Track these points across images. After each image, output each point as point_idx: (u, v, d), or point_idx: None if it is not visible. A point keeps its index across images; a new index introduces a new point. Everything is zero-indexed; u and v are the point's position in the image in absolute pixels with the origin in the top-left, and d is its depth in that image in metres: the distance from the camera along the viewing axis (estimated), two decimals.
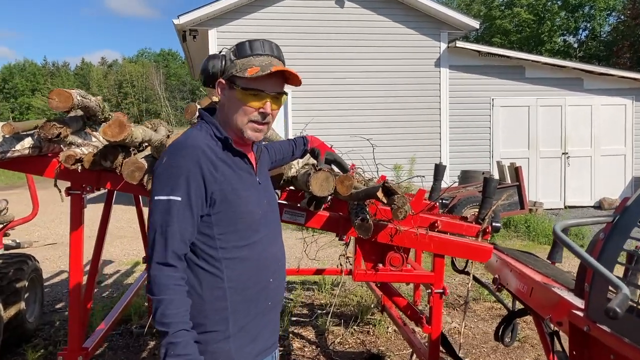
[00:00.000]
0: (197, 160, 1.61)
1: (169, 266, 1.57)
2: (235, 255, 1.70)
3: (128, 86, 61.84)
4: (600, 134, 12.77)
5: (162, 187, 1.61)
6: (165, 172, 1.62)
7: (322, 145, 2.50)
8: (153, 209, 1.61)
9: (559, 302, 2.23)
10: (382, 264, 2.82)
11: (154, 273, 1.57)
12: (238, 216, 1.69)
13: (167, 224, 1.58)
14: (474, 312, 5.38)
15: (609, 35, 32.49)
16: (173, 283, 1.56)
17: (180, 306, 1.56)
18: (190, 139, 1.68)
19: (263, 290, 1.77)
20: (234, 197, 1.68)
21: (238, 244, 1.70)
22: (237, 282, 1.70)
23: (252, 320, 1.74)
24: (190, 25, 11.29)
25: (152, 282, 1.56)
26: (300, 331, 4.77)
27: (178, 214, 1.58)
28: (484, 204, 3.32)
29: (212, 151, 1.67)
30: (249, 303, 1.73)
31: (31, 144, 2.62)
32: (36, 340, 4.55)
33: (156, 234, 1.59)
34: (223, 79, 1.73)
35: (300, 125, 8.56)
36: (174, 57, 73.34)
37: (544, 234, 9.33)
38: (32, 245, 6.31)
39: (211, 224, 1.66)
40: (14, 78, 64.85)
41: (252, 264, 1.74)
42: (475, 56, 12.29)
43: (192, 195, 1.60)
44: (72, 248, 2.98)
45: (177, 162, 1.61)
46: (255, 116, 1.71)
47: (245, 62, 1.69)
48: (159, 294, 1.54)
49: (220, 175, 1.66)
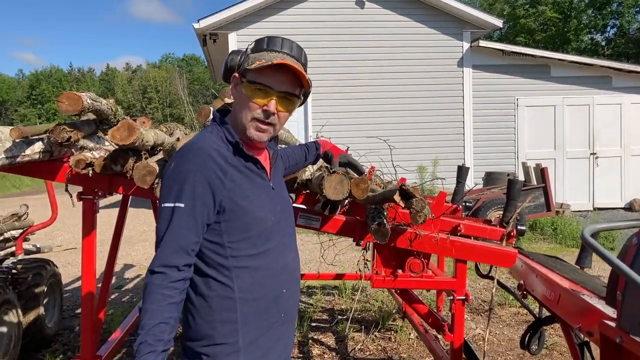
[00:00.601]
0: (204, 166, 1.54)
1: (157, 274, 1.49)
2: (246, 264, 1.61)
3: (152, 91, 62.52)
4: (630, 133, 12.43)
5: (168, 193, 1.55)
6: (171, 178, 1.56)
7: (334, 148, 2.41)
8: (159, 215, 1.55)
9: (588, 310, 2.10)
10: (401, 269, 2.72)
11: (146, 280, 1.51)
12: (249, 223, 1.61)
13: (167, 231, 1.51)
14: (499, 317, 5.22)
15: (638, 32, 31.77)
16: (156, 291, 1.48)
17: (153, 317, 1.45)
18: (198, 143, 1.60)
19: (275, 301, 1.68)
20: (245, 204, 1.60)
21: (249, 252, 1.62)
22: (248, 292, 1.61)
23: (264, 333, 1.65)
24: (211, 29, 11.33)
25: (145, 290, 1.51)
26: (320, 337, 4.68)
27: (180, 221, 1.51)
28: (508, 206, 3.20)
29: (221, 155, 1.58)
30: (260, 315, 1.64)
31: (42, 149, 2.58)
32: (55, 345, 4.54)
33: (156, 240, 1.53)
34: (237, 73, 1.66)
35: (319, 127, 8.48)
36: (197, 62, 74.03)
37: (572, 236, 9.09)
38: (52, 250, 6.33)
39: (221, 232, 1.58)
40: (40, 84, 66.13)
41: (264, 273, 1.65)
42: (498, 55, 12.08)
43: (197, 202, 1.52)
44: (85, 254, 2.94)
45: (183, 167, 1.54)
46: (258, 114, 1.62)
47: (257, 56, 1.60)
48: (144, 302, 1.49)
49: (230, 180, 1.57)
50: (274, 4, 11.44)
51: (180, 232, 1.51)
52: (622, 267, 1.56)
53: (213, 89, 59.08)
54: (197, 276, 1.59)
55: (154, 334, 1.45)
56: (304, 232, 9.56)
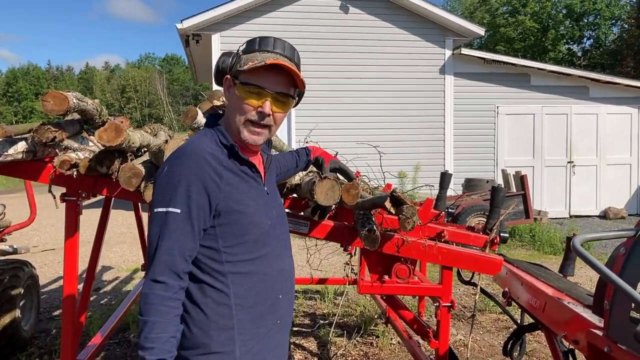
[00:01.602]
0: (199, 169, 1.50)
1: (160, 283, 1.45)
2: (242, 270, 1.58)
3: (131, 91, 61.91)
4: (606, 142, 12.67)
5: (161, 198, 1.50)
6: (164, 182, 1.51)
7: (325, 154, 2.40)
8: (152, 221, 1.51)
9: (575, 319, 2.12)
10: (388, 275, 2.72)
11: (145, 291, 1.45)
12: (245, 228, 1.58)
13: (163, 238, 1.47)
14: (479, 323, 5.26)
15: (613, 44, 32.43)
16: (161, 303, 1.44)
17: (164, 330, 1.43)
18: (193, 147, 1.55)
19: (272, 307, 1.66)
20: (241, 208, 1.57)
21: (245, 257, 1.59)
22: (244, 298, 1.58)
23: (260, 341, 1.62)
24: (194, 29, 11.25)
25: (142, 300, 1.45)
26: (302, 342, 4.66)
27: (176, 227, 1.47)
28: (492, 213, 3.22)
29: (217, 159, 1.55)
30: (257, 321, 1.61)
31: (25, 148, 2.52)
32: (31, 348, 4.45)
33: (151, 247, 1.48)
34: (229, 75, 1.63)
35: (304, 131, 8.47)
36: (177, 62, 73.47)
37: (550, 243, 9.21)
38: (30, 251, 6.21)
39: (216, 237, 1.55)
40: (18, 82, 64.98)
41: (260, 278, 1.62)
42: (480, 63, 12.21)
43: (193, 207, 1.48)
44: (67, 256, 2.87)
45: (177, 171, 1.50)
46: (252, 115, 1.59)
47: (249, 57, 1.58)
48: (145, 314, 1.43)
49: (226, 184, 1.54)
50: (258, 6, 11.41)
51: (177, 238, 1.47)
52: (612, 277, 1.58)
53: (194, 89, 58.73)
54: (191, 282, 1.55)
55: (168, 350, 1.43)
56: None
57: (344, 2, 11.81)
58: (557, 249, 8.79)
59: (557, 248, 8.88)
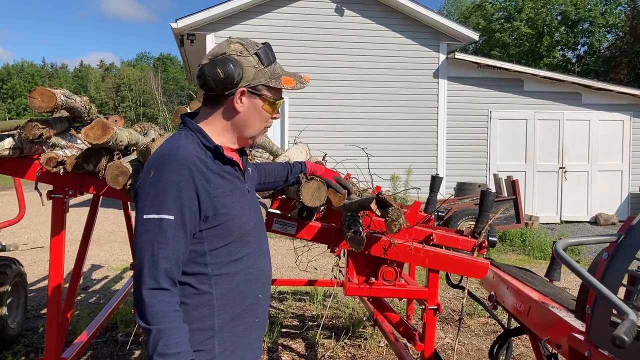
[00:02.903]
0: (189, 175, 1.48)
1: (164, 290, 1.43)
2: (225, 271, 1.58)
3: (126, 89, 61.69)
4: (598, 149, 12.74)
5: (151, 204, 1.46)
6: (154, 187, 1.47)
7: (327, 171, 2.37)
8: (140, 228, 1.46)
9: (558, 323, 2.14)
10: (375, 277, 2.72)
11: (148, 300, 1.41)
12: (230, 230, 1.58)
13: (160, 246, 1.44)
14: (467, 327, 5.27)
15: (607, 51, 32.62)
16: (171, 309, 1.43)
17: (183, 334, 1.44)
18: (179, 150, 1.52)
19: (251, 306, 1.67)
20: (227, 210, 1.57)
21: (228, 258, 1.59)
22: (225, 299, 1.58)
23: (238, 339, 1.63)
24: (188, 29, 11.24)
25: (147, 310, 1.41)
26: (290, 343, 4.66)
27: (172, 234, 1.45)
28: (480, 217, 3.22)
29: (204, 163, 1.54)
30: (236, 321, 1.62)
31: (12, 145, 2.51)
32: (18, 346, 4.42)
33: (145, 255, 1.44)
34: (246, 88, 1.59)
35: (296, 132, 8.48)
36: (172, 62, 73.29)
37: (540, 248, 9.25)
38: (19, 249, 6.17)
39: (202, 240, 1.54)
40: (12, 79, 64.61)
41: (242, 279, 1.63)
42: (474, 68, 12.26)
43: (186, 213, 1.47)
44: (53, 254, 2.86)
45: (166, 176, 1.47)
46: (270, 123, 1.70)
47: (272, 71, 1.63)
48: (157, 323, 1.40)
49: (214, 188, 1.54)
50: (254, 7, 11.41)
51: (173, 245, 1.45)
52: (592, 282, 1.59)
53: (189, 89, 58.65)
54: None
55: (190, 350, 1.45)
56: (277, 237, 9.54)
57: (339, 4, 11.84)
58: (548, 254, 8.82)
59: (547, 253, 8.92)
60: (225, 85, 1.56)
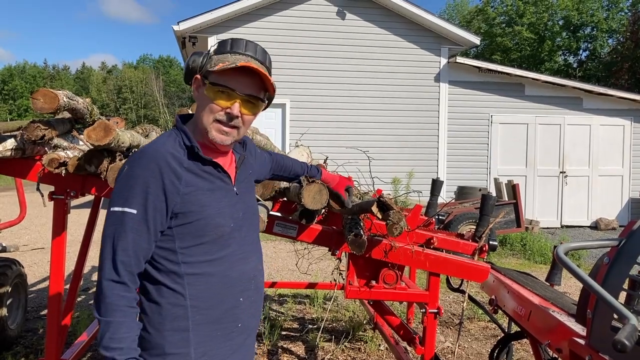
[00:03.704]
0: (157, 170, 1.48)
1: (120, 284, 1.45)
2: (199, 271, 1.57)
3: (127, 91, 61.76)
4: (599, 154, 12.75)
5: (117, 197, 1.49)
6: (123, 181, 1.50)
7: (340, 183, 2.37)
8: (106, 220, 1.49)
9: (558, 327, 2.13)
10: (375, 280, 2.73)
11: (104, 291, 1.44)
12: (204, 229, 1.56)
13: (119, 238, 1.46)
14: (467, 331, 5.27)
15: (608, 56, 32.62)
16: (124, 304, 1.44)
17: (131, 330, 1.45)
18: (153, 147, 1.55)
19: (230, 310, 1.63)
20: (199, 209, 1.55)
21: (202, 258, 1.57)
22: (200, 300, 1.57)
23: (217, 344, 1.60)
24: (190, 32, 11.26)
25: (101, 301, 1.43)
26: (290, 346, 4.65)
27: (132, 227, 1.46)
28: (481, 221, 3.22)
29: (177, 160, 1.53)
30: (214, 324, 1.60)
31: (14, 146, 2.52)
32: (17, 347, 4.41)
33: (107, 247, 1.47)
34: (199, 75, 1.61)
35: (297, 135, 8.49)
36: (172, 64, 73.40)
37: (540, 252, 9.24)
38: (19, 250, 6.17)
39: (173, 237, 1.54)
40: (13, 80, 64.68)
41: (218, 280, 1.60)
42: (475, 72, 12.27)
43: (150, 208, 1.47)
44: (54, 255, 2.86)
45: (136, 171, 1.49)
46: (221, 115, 1.57)
47: (220, 58, 1.57)
48: (107, 315, 1.42)
49: (185, 186, 1.52)
50: (256, 10, 11.44)
51: (133, 239, 1.46)
52: (593, 286, 1.59)
53: (190, 91, 58.61)
54: (148, 283, 1.55)
55: (135, 349, 1.46)
56: (277, 239, 9.53)
57: (341, 8, 11.86)
58: (548, 259, 8.81)
59: (547, 257, 8.91)
60: (187, 74, 1.64)
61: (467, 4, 44.69)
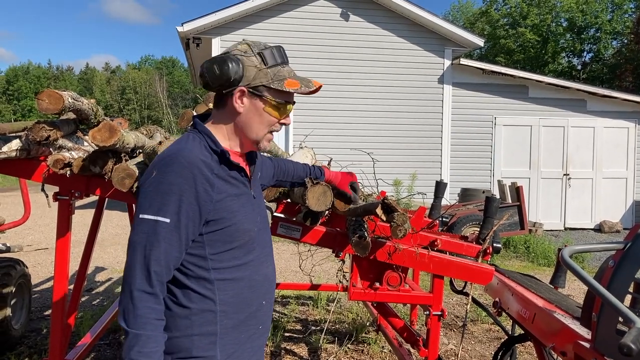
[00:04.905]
0: (192, 179, 1.46)
1: (151, 295, 1.42)
2: (228, 277, 1.57)
3: (131, 92, 61.91)
4: (602, 156, 12.71)
5: (149, 204, 1.45)
6: (154, 188, 1.46)
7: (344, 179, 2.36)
8: (136, 227, 1.45)
9: (563, 330, 2.13)
10: (379, 282, 2.72)
11: (135, 302, 1.40)
12: (234, 235, 1.56)
13: (152, 247, 1.42)
14: (471, 333, 5.25)
15: (612, 58, 32.55)
16: (154, 317, 1.42)
17: (159, 345, 1.43)
18: (184, 153, 1.50)
19: (255, 313, 1.65)
20: (230, 216, 1.54)
21: (232, 264, 1.57)
22: (229, 305, 1.57)
23: (241, 346, 1.61)
24: (194, 33, 11.27)
25: (130, 312, 1.40)
26: (293, 348, 4.65)
27: (165, 237, 1.43)
28: (485, 223, 3.22)
29: (208, 167, 1.51)
30: (240, 327, 1.60)
31: (19, 146, 2.52)
32: (21, 348, 4.42)
33: (137, 256, 1.43)
34: (246, 87, 1.57)
35: (301, 137, 8.49)
36: (174, 65, 73.55)
37: (544, 255, 9.22)
38: (23, 250, 6.19)
39: (203, 244, 1.52)
40: (18, 80, 64.94)
41: (246, 284, 1.61)
42: (479, 74, 12.25)
43: (183, 217, 1.45)
44: (58, 255, 2.87)
45: (168, 178, 1.45)
46: (276, 127, 1.63)
47: (276, 73, 1.57)
48: (137, 327, 1.39)
49: (217, 193, 1.51)
50: (260, 11, 11.45)
51: (165, 249, 1.44)
52: (599, 289, 1.58)
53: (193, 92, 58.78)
54: (175, 287, 1.52)
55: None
56: (280, 241, 9.52)
57: (344, 9, 11.87)
58: (551, 261, 8.79)
59: (551, 260, 8.89)
60: (222, 82, 1.55)
61: (471, 5, 44.74)
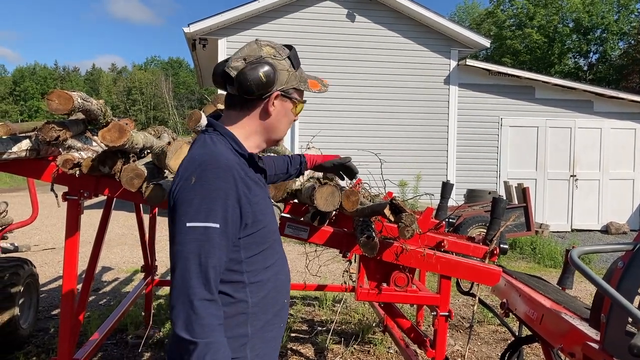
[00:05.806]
0: (233, 182, 1.45)
1: (212, 302, 1.40)
2: (259, 279, 1.57)
3: (137, 93, 62.12)
4: (609, 157, 12.65)
5: (195, 212, 1.40)
6: (198, 194, 1.42)
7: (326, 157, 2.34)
8: (183, 236, 1.40)
9: (571, 331, 2.12)
10: (386, 283, 2.73)
11: (198, 312, 1.36)
12: (265, 237, 1.59)
13: (208, 255, 1.39)
14: (477, 335, 5.25)
15: (619, 59, 32.42)
16: (218, 323, 1.40)
17: (227, 350, 1.41)
18: (222, 157, 1.49)
19: (279, 312, 1.67)
20: (263, 218, 1.57)
21: (262, 265, 1.58)
22: (259, 306, 1.58)
23: (267, 344, 1.63)
24: (201, 34, 11.31)
25: (194, 322, 1.35)
26: (299, 348, 4.65)
27: (218, 243, 1.42)
28: (492, 224, 3.22)
29: (243, 170, 1.53)
30: (266, 327, 1.61)
31: (29, 146, 2.54)
32: (29, 347, 4.45)
33: (191, 265, 1.38)
34: (280, 91, 1.60)
35: (307, 138, 8.50)
36: (181, 65, 73.74)
37: (550, 256, 9.19)
38: (31, 250, 6.23)
39: (239, 248, 1.51)
40: (24, 81, 65.27)
41: (273, 285, 1.62)
42: (485, 75, 12.23)
43: (229, 221, 1.44)
44: (67, 255, 2.88)
45: (213, 184, 1.43)
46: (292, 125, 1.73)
47: (301, 74, 1.66)
48: (206, 336, 1.35)
49: (253, 195, 1.53)
50: (266, 12, 11.47)
51: (219, 255, 1.42)
52: (609, 290, 1.58)
53: (199, 93, 58.94)
54: None
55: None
56: (285, 241, 9.52)
57: (350, 10, 11.87)
58: (558, 262, 8.77)
59: (557, 261, 8.86)
60: (265, 88, 1.56)
61: (477, 6, 44.65)
